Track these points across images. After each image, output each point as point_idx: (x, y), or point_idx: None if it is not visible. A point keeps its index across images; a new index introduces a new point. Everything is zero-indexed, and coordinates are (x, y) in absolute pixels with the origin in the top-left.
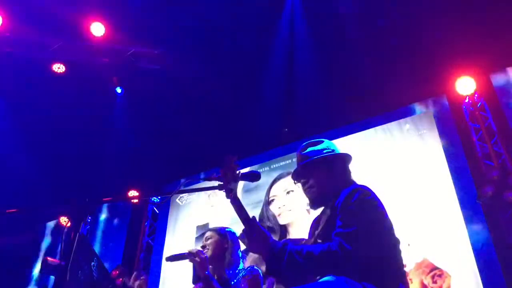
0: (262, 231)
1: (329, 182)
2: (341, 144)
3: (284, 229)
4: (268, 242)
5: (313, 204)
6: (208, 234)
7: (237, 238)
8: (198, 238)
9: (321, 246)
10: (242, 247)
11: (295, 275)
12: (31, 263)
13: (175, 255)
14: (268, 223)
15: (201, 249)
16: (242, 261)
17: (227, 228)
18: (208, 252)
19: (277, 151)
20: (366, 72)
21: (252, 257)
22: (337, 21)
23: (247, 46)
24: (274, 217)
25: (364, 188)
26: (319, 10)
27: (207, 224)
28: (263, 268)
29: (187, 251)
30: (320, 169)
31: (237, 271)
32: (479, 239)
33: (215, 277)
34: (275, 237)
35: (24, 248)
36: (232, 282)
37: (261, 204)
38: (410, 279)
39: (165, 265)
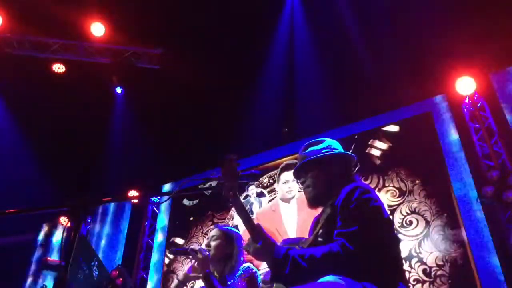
0: (266, 237)
1: (326, 182)
2: (341, 144)
3: None
4: (273, 250)
5: (311, 204)
6: (214, 232)
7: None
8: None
9: (322, 248)
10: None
11: (300, 279)
12: (30, 264)
13: (178, 249)
14: None
15: (204, 247)
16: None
17: (239, 231)
18: (211, 252)
19: (277, 151)
20: (366, 72)
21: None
22: (337, 21)
23: (246, 46)
24: None
25: (364, 186)
26: (319, 10)
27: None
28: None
29: (190, 247)
30: (317, 169)
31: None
32: (479, 239)
33: (215, 276)
34: None
35: (24, 248)
36: (230, 282)
37: None
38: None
39: (165, 265)
